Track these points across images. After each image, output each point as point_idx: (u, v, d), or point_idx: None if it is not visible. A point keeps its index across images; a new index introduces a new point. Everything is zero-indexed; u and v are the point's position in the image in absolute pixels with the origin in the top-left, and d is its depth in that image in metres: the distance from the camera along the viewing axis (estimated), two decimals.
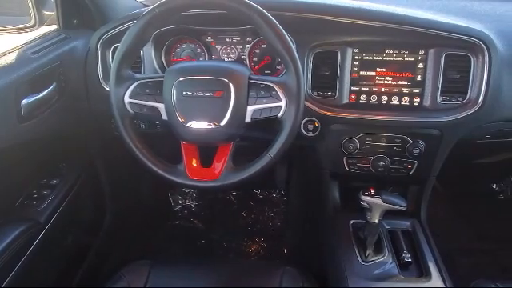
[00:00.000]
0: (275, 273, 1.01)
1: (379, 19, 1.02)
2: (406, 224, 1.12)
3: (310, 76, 1.07)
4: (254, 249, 1.71)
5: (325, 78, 1.07)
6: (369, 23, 1.02)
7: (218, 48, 1.16)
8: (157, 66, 1.12)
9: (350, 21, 1.02)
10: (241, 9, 0.83)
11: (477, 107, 1.01)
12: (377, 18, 1.02)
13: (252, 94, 0.87)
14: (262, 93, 0.87)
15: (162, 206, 1.92)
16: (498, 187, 2.06)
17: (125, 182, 1.55)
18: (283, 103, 0.86)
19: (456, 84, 1.03)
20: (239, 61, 1.15)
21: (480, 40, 0.99)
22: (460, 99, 1.03)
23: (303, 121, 1.08)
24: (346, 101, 1.07)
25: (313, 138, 1.10)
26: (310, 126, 1.09)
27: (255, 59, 1.15)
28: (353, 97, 1.07)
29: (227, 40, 1.15)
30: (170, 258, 1.27)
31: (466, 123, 1.04)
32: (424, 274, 0.97)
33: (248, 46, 1.14)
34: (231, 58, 1.16)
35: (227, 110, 0.86)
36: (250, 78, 0.88)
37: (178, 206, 1.93)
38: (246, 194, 2.00)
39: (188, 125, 0.88)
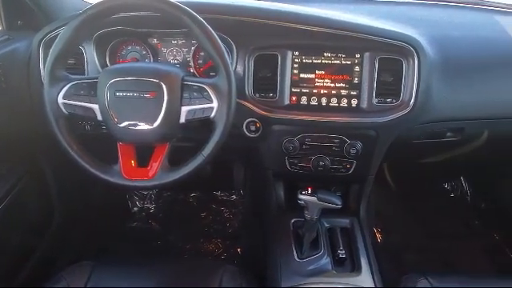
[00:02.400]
0: (216, 272, 1.02)
1: (316, 24, 1.05)
2: (345, 222, 1.16)
3: (251, 78, 1.09)
4: (211, 249, 1.72)
5: (266, 80, 1.10)
6: (306, 27, 1.05)
7: (164, 50, 1.17)
8: (100, 68, 1.12)
9: (288, 25, 1.05)
10: (171, 11, 0.85)
11: (409, 109, 1.06)
12: (314, 23, 1.05)
13: (185, 95, 0.89)
14: (195, 94, 0.89)
15: (118, 208, 1.91)
16: (449, 186, 2.15)
17: (73, 182, 1.53)
18: (215, 104, 0.88)
19: (390, 86, 1.07)
20: (185, 62, 1.17)
21: (410, 45, 1.03)
22: (394, 101, 1.07)
23: (245, 122, 1.11)
24: (287, 102, 1.10)
25: (255, 139, 1.12)
26: (252, 127, 1.12)
27: (200, 61, 1.17)
28: (294, 98, 1.10)
29: (173, 42, 1.17)
30: (114, 258, 1.27)
31: (399, 124, 1.08)
32: (356, 269, 1.01)
33: (193, 48, 1.16)
34: (177, 60, 1.18)
35: (160, 111, 0.88)
36: (183, 80, 0.90)
37: (136, 208, 1.93)
38: (206, 196, 2.01)
39: (122, 125, 0.89)
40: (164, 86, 0.87)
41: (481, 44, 1.17)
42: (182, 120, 0.90)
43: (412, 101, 1.05)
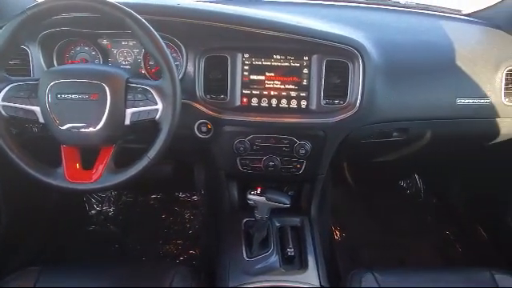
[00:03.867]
0: (167, 274, 1.02)
1: (265, 27, 1.07)
2: (296, 221, 1.19)
3: (202, 80, 1.10)
4: (170, 251, 1.71)
5: (217, 82, 1.11)
6: (255, 30, 1.07)
7: (115, 51, 1.16)
8: (45, 69, 1.09)
9: (237, 28, 1.07)
10: (113, 13, 0.84)
11: (355, 110, 1.09)
12: (262, 26, 1.07)
13: (130, 97, 0.89)
14: (139, 96, 0.89)
15: (75, 212, 1.87)
16: (405, 184, 2.23)
17: (23, 184, 1.49)
18: (160, 106, 0.89)
19: (337, 88, 1.11)
20: (135, 64, 1.16)
21: (354, 48, 1.07)
22: (341, 102, 1.10)
23: (197, 123, 1.12)
24: (238, 103, 1.11)
25: (207, 140, 1.13)
26: (204, 128, 1.12)
27: (151, 63, 1.16)
28: (245, 100, 1.12)
29: (123, 43, 1.16)
30: (65, 263, 1.24)
31: (347, 124, 1.12)
32: (303, 266, 1.03)
33: (143, 49, 1.15)
34: (128, 61, 1.17)
35: (103, 113, 0.87)
36: (127, 82, 0.90)
37: (94, 211, 1.89)
38: (167, 197, 2.00)
39: (64, 128, 0.88)
40: (107, 88, 0.87)
41: (424, 48, 1.23)
42: (127, 122, 0.90)
43: (358, 102, 1.09)
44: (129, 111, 0.89)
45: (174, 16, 1.05)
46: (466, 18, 1.48)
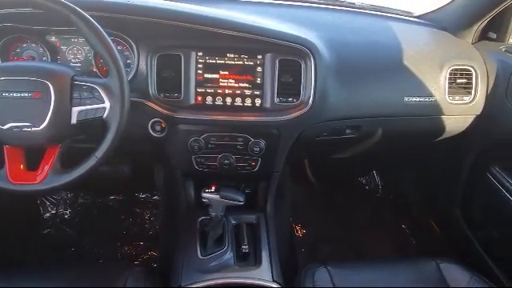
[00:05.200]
0: (121, 275, 1.01)
1: (217, 26, 1.06)
2: (251, 218, 1.20)
3: (155, 78, 1.08)
4: (128, 253, 1.68)
5: (170, 80, 1.09)
6: (207, 29, 1.06)
7: (64, 48, 1.12)
8: None
9: (189, 26, 1.06)
10: (56, 9, 0.82)
11: (308, 108, 1.11)
12: (214, 25, 1.06)
13: (75, 95, 0.87)
14: (85, 94, 0.87)
15: (28, 215, 1.80)
16: (364, 181, 2.30)
17: None
18: (107, 105, 0.87)
19: (290, 87, 1.12)
20: (86, 61, 1.13)
21: (306, 47, 1.09)
22: (294, 100, 1.12)
23: (150, 122, 1.10)
24: (192, 102, 1.11)
25: (161, 139, 1.12)
26: (158, 127, 1.11)
27: (102, 60, 1.13)
28: (199, 98, 1.11)
29: (73, 40, 1.12)
30: (14, 269, 1.19)
31: (300, 122, 1.14)
32: (257, 263, 1.05)
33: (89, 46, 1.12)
34: (78, 58, 1.13)
35: (47, 112, 0.84)
36: (73, 79, 0.87)
37: (48, 214, 1.83)
38: (127, 198, 1.96)
39: (5, 127, 0.84)
40: (51, 86, 0.84)
41: (374, 48, 1.27)
42: (74, 121, 0.88)
43: (311, 100, 1.11)
44: (75, 110, 0.87)
45: (124, 13, 1.03)
46: (416, 20, 1.55)
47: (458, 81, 1.27)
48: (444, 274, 1.10)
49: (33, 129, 0.84)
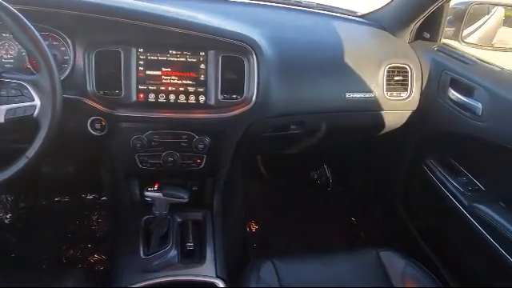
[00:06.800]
0: (61, 277, 0.97)
1: (157, 22, 1.05)
2: (198, 215, 1.20)
3: (93, 75, 1.05)
4: (74, 256, 1.62)
5: (110, 77, 1.06)
6: (147, 25, 1.05)
7: None
8: None
9: (129, 22, 1.03)
10: None
11: (251, 104, 1.12)
12: (154, 21, 1.05)
13: (3, 93, 0.83)
14: (13, 92, 0.83)
15: None
16: (316, 175, 2.36)
17: None
18: (37, 102, 0.84)
19: (234, 83, 1.12)
20: (19, 58, 1.07)
21: (248, 44, 1.10)
22: (238, 97, 1.12)
23: (89, 120, 1.07)
24: (134, 99, 1.08)
25: (102, 137, 1.09)
26: (97, 125, 1.08)
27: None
28: (141, 95, 1.09)
29: (3, 35, 1.06)
30: None
31: (244, 119, 1.15)
32: (201, 259, 1.05)
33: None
34: (10, 54, 1.07)
35: None
36: (0, 76, 0.83)
37: None
38: (73, 199, 1.88)
39: None
40: None
41: (316, 46, 1.31)
42: (1, 120, 0.83)
43: (254, 97, 1.12)
44: (3, 108, 0.83)
45: (59, 7, 0.98)
46: (358, 19, 1.61)
47: (396, 78, 1.34)
48: (383, 262, 1.16)
49: None
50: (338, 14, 1.61)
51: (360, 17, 1.63)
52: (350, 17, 1.63)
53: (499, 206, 1.15)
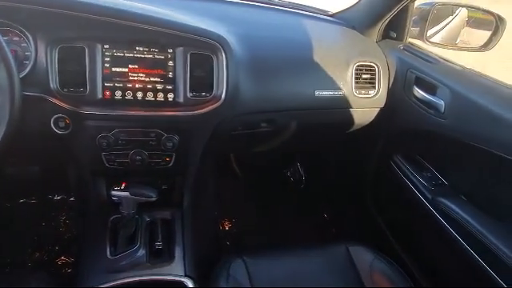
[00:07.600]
0: (23, 280, 0.95)
1: (122, 17, 1.02)
2: (167, 214, 1.19)
3: (56, 72, 1.02)
4: (40, 259, 1.57)
5: (74, 74, 1.03)
6: (112, 20, 1.02)
7: None
8: None
9: (93, 17, 1.01)
10: None
11: (221, 102, 1.12)
12: (119, 16, 1.02)
13: None
14: None
15: None
16: (289, 173, 2.38)
17: None
18: None
19: (203, 81, 1.12)
20: None
21: (217, 42, 1.09)
22: (207, 95, 1.12)
23: (53, 118, 1.04)
24: (99, 97, 1.06)
25: (66, 136, 1.06)
26: (62, 124, 1.05)
27: None
28: (107, 93, 1.06)
29: None
30: None
31: (213, 116, 1.14)
32: (170, 258, 1.04)
33: None
34: None
35: None
36: None
37: None
38: (39, 201, 1.82)
39: None
40: None
41: (286, 44, 1.31)
42: None
43: (223, 95, 1.11)
44: None
45: (19, 2, 0.95)
46: (329, 18, 1.62)
47: (363, 76, 1.36)
48: (352, 257, 1.18)
49: None
50: (309, 13, 1.62)
51: (330, 16, 1.65)
52: (320, 16, 1.64)
53: (460, 200, 1.19)
